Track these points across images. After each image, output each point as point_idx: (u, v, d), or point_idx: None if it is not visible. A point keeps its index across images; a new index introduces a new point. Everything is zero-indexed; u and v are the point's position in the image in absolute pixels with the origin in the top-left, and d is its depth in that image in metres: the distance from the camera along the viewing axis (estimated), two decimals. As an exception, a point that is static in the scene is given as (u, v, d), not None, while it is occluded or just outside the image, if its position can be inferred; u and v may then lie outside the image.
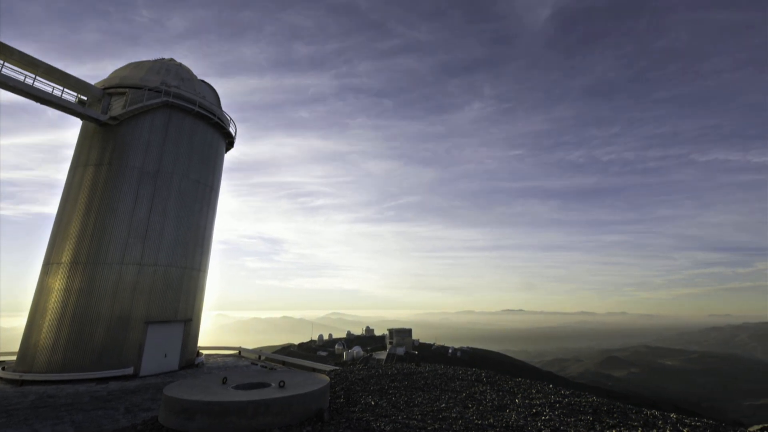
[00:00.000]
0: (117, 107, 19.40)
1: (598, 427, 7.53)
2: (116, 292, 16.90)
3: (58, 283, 16.74)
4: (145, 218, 18.20)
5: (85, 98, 19.85)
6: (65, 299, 16.43)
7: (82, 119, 19.53)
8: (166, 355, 18.10)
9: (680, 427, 7.46)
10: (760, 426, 8.86)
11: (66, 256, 17.11)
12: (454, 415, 8.56)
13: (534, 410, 8.76)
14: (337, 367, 18.77)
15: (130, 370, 16.43)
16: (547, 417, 8.23)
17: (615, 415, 8.35)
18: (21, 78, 17.13)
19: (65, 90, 18.82)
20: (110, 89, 20.07)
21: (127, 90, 19.85)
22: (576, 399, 9.76)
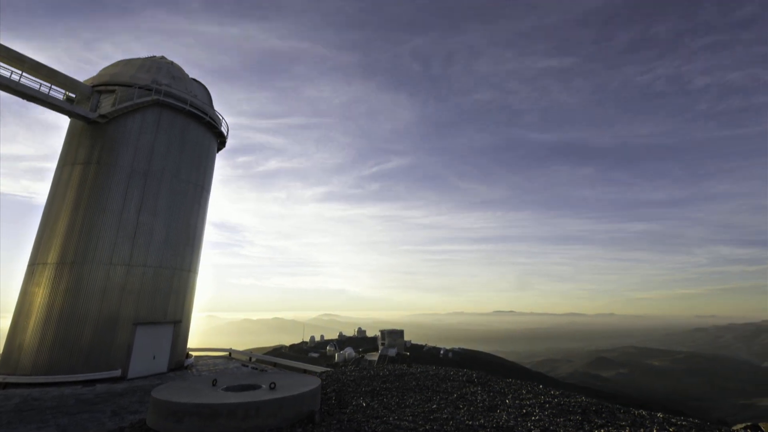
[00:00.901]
0: (106, 105, 19.11)
1: (586, 427, 7.62)
2: (104, 293, 16.62)
3: (44, 283, 16.42)
4: (134, 218, 17.95)
5: (74, 96, 19.53)
6: (51, 300, 16.12)
7: (70, 117, 19.19)
8: (154, 357, 17.85)
9: (667, 427, 7.59)
10: (743, 425, 9.05)
11: (52, 256, 16.79)
12: (445, 415, 8.60)
13: (524, 410, 8.83)
14: (329, 369, 18.71)
15: (117, 373, 16.16)
16: (537, 417, 8.30)
17: (603, 415, 8.46)
18: (7, 74, 16.80)
19: (53, 87, 18.48)
20: (99, 87, 19.77)
21: (116, 88, 19.57)
22: (565, 399, 9.86)
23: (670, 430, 7.35)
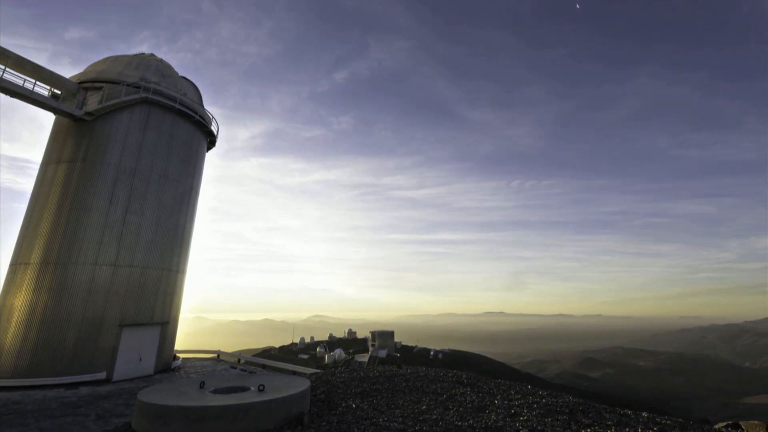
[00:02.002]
0: (93, 102, 18.77)
1: (573, 427, 7.72)
2: (89, 294, 16.30)
3: (26, 284, 16.03)
4: (120, 218, 17.64)
5: (59, 92, 19.14)
6: (34, 301, 15.74)
7: (55, 114, 18.79)
8: (141, 359, 17.55)
9: (651, 426, 7.73)
10: (724, 423, 9.28)
11: (35, 256, 16.41)
12: (434, 416, 8.63)
13: (513, 411, 8.91)
14: (319, 370, 18.62)
15: (102, 375, 15.85)
16: (525, 417, 8.39)
17: (590, 415, 8.58)
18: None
19: (37, 83, 18.09)
20: (86, 83, 19.41)
21: (104, 85, 19.24)
22: (553, 399, 9.98)
23: (655, 429, 7.50)
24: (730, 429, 9.17)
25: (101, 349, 16.19)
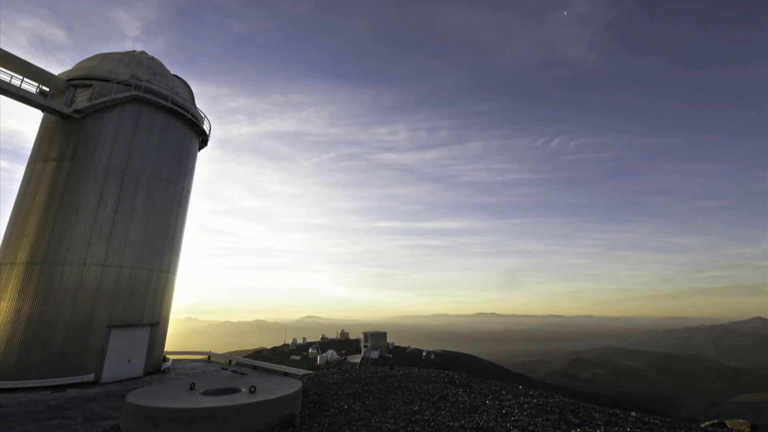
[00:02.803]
0: (82, 100, 18.49)
1: (563, 426, 7.81)
2: (77, 295, 16.04)
3: (12, 284, 15.73)
4: (110, 217, 17.40)
5: (47, 89, 18.82)
6: (20, 301, 15.44)
7: (43, 111, 18.49)
8: (130, 361, 17.32)
9: (639, 425, 7.85)
10: (709, 422, 9.45)
11: (22, 256, 16.10)
12: (426, 417, 8.66)
13: (504, 411, 8.98)
14: (311, 371, 18.55)
15: (90, 377, 15.61)
16: (516, 417, 8.46)
17: (580, 415, 8.68)
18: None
19: (25, 79, 17.77)
20: (75, 81, 19.12)
21: (93, 82, 18.98)
22: (544, 399, 10.07)
23: (643, 428, 7.61)
24: (716, 428, 9.34)
25: (89, 350, 15.95)
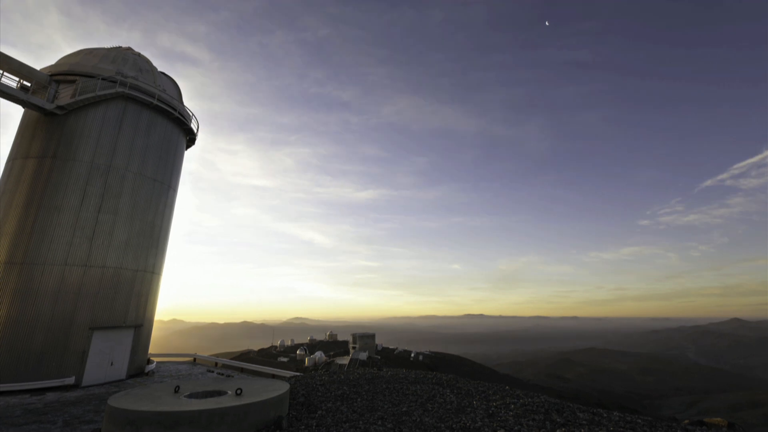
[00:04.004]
0: (65, 96, 18.06)
1: (548, 426, 7.93)
2: (58, 295, 15.64)
3: (-12, 285, 15.23)
4: (93, 216, 17.01)
5: (29, 84, 18.31)
6: (-4, 303, 14.97)
7: (24, 107, 17.98)
8: (112, 363, 16.95)
9: (622, 424, 8.02)
10: (689, 420, 9.71)
11: (0, 255, 15.61)
12: (414, 418, 8.69)
13: (491, 411, 9.07)
14: (298, 373, 18.44)
15: (71, 380, 15.22)
16: (502, 418, 8.55)
17: (564, 414, 8.82)
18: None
19: (5, 74, 17.26)
20: (58, 76, 18.67)
21: (77, 78, 18.55)
22: (529, 400, 10.20)
23: (625, 427, 7.78)
24: (695, 426, 9.60)
25: (70, 352, 15.55)
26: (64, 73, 18.77)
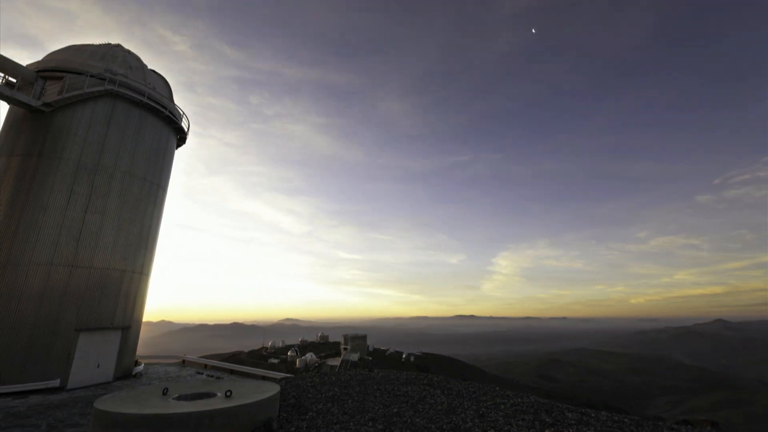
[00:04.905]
0: (52, 93, 17.73)
1: (538, 426, 8.02)
2: (43, 296, 15.32)
3: (-30, 286, 14.86)
4: (80, 216, 16.72)
5: (14, 80, 17.95)
6: (-22, 304, 14.61)
7: (9, 103, 17.58)
8: (99, 365, 16.66)
9: (609, 424, 8.16)
10: (674, 420, 9.91)
11: (-18, 255, 15.25)
12: (405, 419, 8.71)
13: (481, 412, 9.14)
14: (289, 375, 18.34)
15: (56, 383, 14.92)
16: (492, 418, 8.62)
17: (554, 414, 8.93)
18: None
19: (-11, 70, 16.91)
20: (45, 72, 18.33)
21: (65, 75, 18.23)
22: (519, 400, 10.31)
23: (613, 427, 7.91)
24: (680, 425, 9.79)
25: (55, 354, 15.24)
26: (51, 70, 18.43)
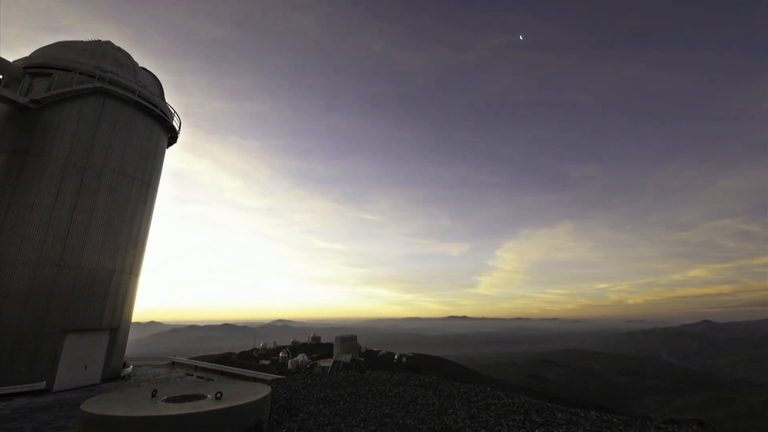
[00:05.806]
0: (40, 89, 17.40)
1: (528, 426, 8.10)
2: (28, 296, 15.02)
3: (-48, 286, 14.51)
4: (67, 215, 16.43)
5: (0, 77, 17.58)
6: (-39, 304, 14.28)
7: (-6, 100, 17.25)
8: (86, 367, 16.39)
9: (599, 423, 8.26)
10: (662, 419, 10.07)
11: (-35, 255, 14.91)
12: (397, 420, 8.72)
13: (472, 412, 9.19)
14: (280, 376, 18.23)
15: (41, 385, 14.63)
16: (483, 418, 8.68)
17: (544, 414, 9.02)
18: None
19: (-25, 65, 16.56)
20: (33, 69, 17.99)
21: (53, 71, 17.90)
22: (510, 400, 10.39)
23: (602, 426, 8.01)
24: (667, 424, 9.95)
25: (41, 356, 14.95)
26: (39, 66, 18.10)
